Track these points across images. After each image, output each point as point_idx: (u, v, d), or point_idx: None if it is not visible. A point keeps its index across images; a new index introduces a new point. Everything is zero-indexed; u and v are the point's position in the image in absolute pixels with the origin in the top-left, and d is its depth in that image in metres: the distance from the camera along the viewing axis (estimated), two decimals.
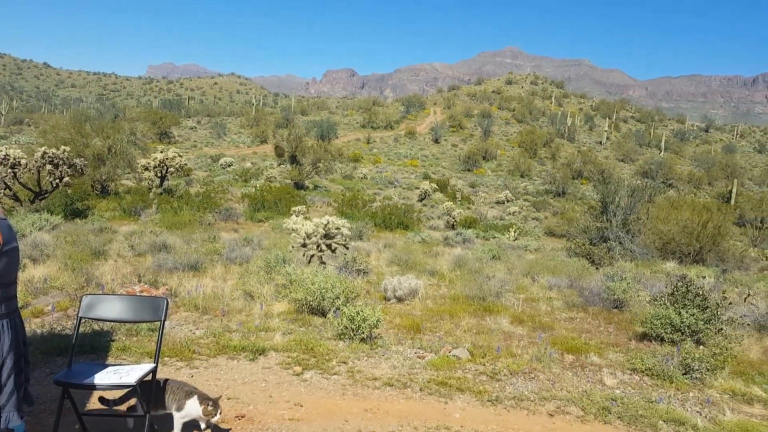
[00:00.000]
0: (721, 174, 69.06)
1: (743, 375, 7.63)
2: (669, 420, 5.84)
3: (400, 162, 60.94)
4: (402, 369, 6.92)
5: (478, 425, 5.48)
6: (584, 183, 57.91)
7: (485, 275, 13.43)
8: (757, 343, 9.49)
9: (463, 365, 7.14)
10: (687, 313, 8.87)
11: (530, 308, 11.10)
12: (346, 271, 12.13)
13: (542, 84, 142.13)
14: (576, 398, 6.29)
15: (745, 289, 15.24)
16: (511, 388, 6.54)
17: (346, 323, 7.73)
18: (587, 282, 13.10)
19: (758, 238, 44.16)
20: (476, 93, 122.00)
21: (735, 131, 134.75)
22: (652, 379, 7.18)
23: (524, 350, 7.86)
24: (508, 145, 77.43)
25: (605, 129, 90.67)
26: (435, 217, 35.88)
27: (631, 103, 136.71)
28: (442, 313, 9.87)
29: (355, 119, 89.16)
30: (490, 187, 54.12)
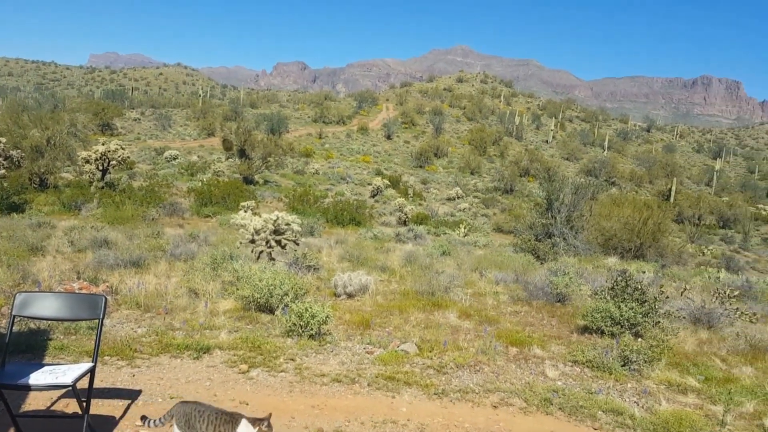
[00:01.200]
0: (662, 173, 71.92)
1: (679, 366, 8.00)
2: (608, 410, 6.07)
3: (352, 158, 60.89)
4: (351, 365, 6.96)
5: (424, 418, 5.58)
6: (531, 181, 59.26)
7: (435, 271, 13.60)
8: (692, 335, 9.95)
9: (411, 359, 7.23)
10: (626, 307, 9.23)
11: (478, 302, 11.32)
12: (296, 268, 12.07)
13: (492, 83, 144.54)
14: (519, 390, 6.47)
15: (682, 283, 15.93)
16: (457, 381, 6.68)
17: (294, 320, 7.70)
18: (532, 277, 13.44)
19: (696, 235, 46.24)
20: (428, 90, 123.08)
21: (675, 131, 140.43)
22: (592, 370, 7.46)
23: (471, 343, 8.03)
24: (459, 142, 78.47)
25: (551, 128, 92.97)
26: (387, 214, 36.02)
27: (576, 103, 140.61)
28: (392, 309, 9.95)
29: (306, 113, 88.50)
30: (442, 183, 54.75)
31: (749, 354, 8.92)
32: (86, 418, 4.22)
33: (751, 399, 6.73)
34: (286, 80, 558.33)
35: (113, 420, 4.95)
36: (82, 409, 4.26)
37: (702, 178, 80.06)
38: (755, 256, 43.66)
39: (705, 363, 8.26)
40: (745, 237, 49.88)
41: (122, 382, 5.85)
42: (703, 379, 7.52)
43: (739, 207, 58.10)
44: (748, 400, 6.66)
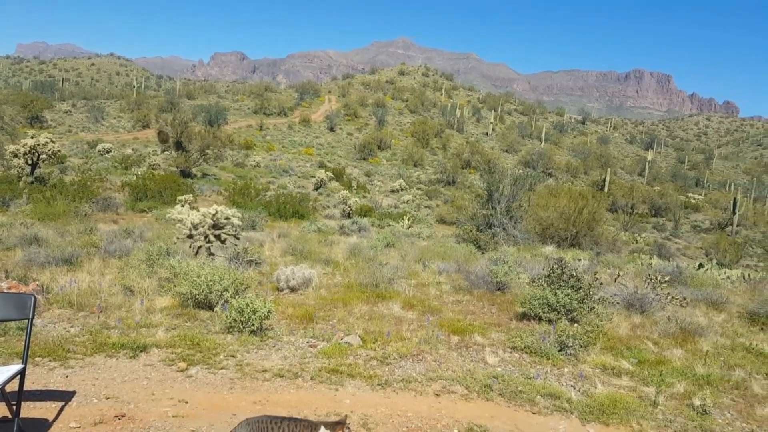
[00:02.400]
0: (596, 164, 74.49)
1: (613, 350, 8.29)
2: (546, 394, 6.24)
3: (294, 150, 60.21)
4: (293, 359, 6.89)
5: (367, 409, 5.58)
6: (472, 172, 60.22)
7: (379, 263, 13.63)
8: (626, 320, 10.34)
9: (355, 351, 7.22)
10: (562, 294, 9.51)
11: (421, 293, 11.42)
12: (237, 263, 11.84)
13: (433, 76, 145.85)
14: (461, 377, 6.57)
15: (616, 270, 16.53)
16: (400, 371, 6.72)
17: (234, 316, 7.55)
18: (474, 266, 13.65)
19: (629, 223, 48.16)
20: (370, 82, 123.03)
21: (609, 124, 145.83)
22: (530, 356, 7.65)
23: (414, 333, 8.09)
24: (401, 134, 78.82)
25: (491, 121, 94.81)
26: (331, 206, 35.86)
27: (515, 97, 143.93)
28: (336, 302, 9.91)
29: (246, 105, 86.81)
30: (385, 176, 54.93)
31: (679, 337, 9.34)
32: (17, 421, 4.04)
33: (682, 380, 7.06)
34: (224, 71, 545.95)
35: (46, 423, 4.76)
36: (12, 412, 4.08)
37: (635, 168, 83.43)
38: (685, 242, 45.88)
39: (638, 346, 8.60)
40: (675, 225, 52.35)
41: (55, 384, 5.61)
42: (636, 362, 7.83)
43: (669, 196, 60.89)
44: (678, 381, 6.98)
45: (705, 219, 57.60)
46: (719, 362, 8.07)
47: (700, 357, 8.16)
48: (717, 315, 11.61)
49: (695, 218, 58.49)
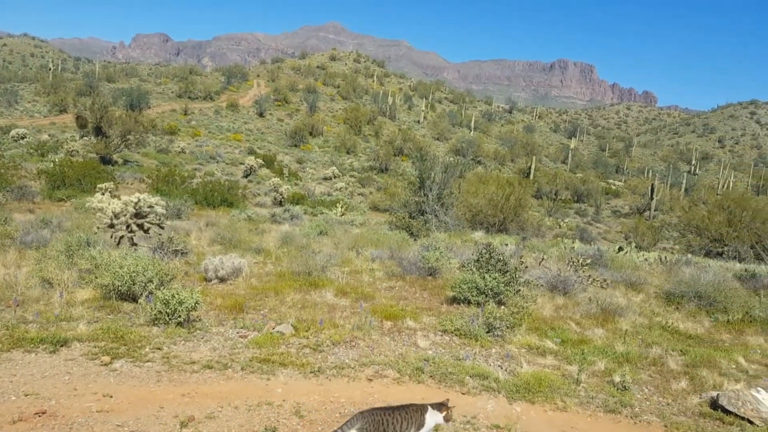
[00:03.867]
0: (522, 152, 76.71)
1: (538, 330, 8.60)
2: (475, 375, 6.40)
3: (222, 136, 58.57)
4: (223, 350, 6.76)
5: (300, 397, 5.55)
6: (404, 160, 60.68)
7: (312, 251, 13.53)
8: (550, 301, 10.75)
9: (287, 340, 7.15)
10: (490, 277, 9.77)
11: (354, 280, 11.43)
12: (162, 253, 11.45)
13: (365, 62, 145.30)
14: (393, 362, 6.64)
15: (541, 254, 17.12)
16: (333, 357, 6.71)
17: (160, 307, 7.31)
18: (406, 253, 13.81)
19: (553, 209, 49.98)
20: (301, 67, 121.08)
21: (534, 113, 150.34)
22: (460, 338, 7.82)
23: (347, 320, 8.10)
24: (334, 121, 78.26)
25: (423, 109, 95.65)
26: (262, 194, 35.31)
27: (445, 85, 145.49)
28: (268, 291, 9.77)
29: (170, 88, 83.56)
30: (318, 163, 54.45)
31: (600, 317, 9.80)
32: None
33: (603, 358, 7.41)
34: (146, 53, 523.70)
35: None
36: None
37: (559, 156, 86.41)
38: (606, 227, 48.10)
39: (561, 327, 8.96)
40: (597, 210, 54.76)
41: None
42: (560, 341, 8.15)
43: (591, 183, 63.52)
44: (599, 359, 7.32)
45: (625, 204, 60.50)
46: (637, 340, 8.51)
47: (619, 336, 8.58)
48: (635, 296, 12.24)
49: (615, 204, 61.32)
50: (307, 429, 4.94)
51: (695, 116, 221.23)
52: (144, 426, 4.77)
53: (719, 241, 28.71)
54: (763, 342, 8.97)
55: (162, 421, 4.89)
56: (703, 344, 8.69)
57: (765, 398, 5.81)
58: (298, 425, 5.00)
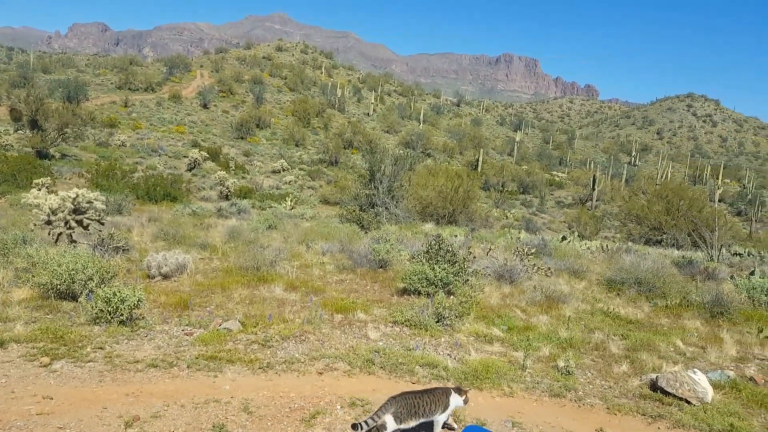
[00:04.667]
0: (470, 144, 77.72)
1: (485, 319, 8.74)
2: (425, 364, 6.46)
3: (164, 128, 56.93)
4: (168, 348, 6.59)
5: (248, 393, 5.47)
6: (355, 153, 60.57)
7: (260, 245, 13.34)
8: (497, 290, 10.94)
9: (235, 337, 7.03)
10: (439, 268, 9.87)
11: (304, 274, 11.33)
12: (102, 250, 11.06)
13: (312, 53, 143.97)
14: (343, 354, 6.62)
15: (488, 244, 17.43)
16: (283, 352, 6.64)
17: (101, 306, 7.07)
18: (357, 246, 13.80)
19: (500, 200, 50.94)
20: (246, 58, 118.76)
21: (481, 106, 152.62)
22: (410, 329, 7.87)
23: (297, 315, 8.02)
24: (281, 113, 77.28)
25: (372, 101, 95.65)
26: (207, 188, 34.61)
27: (394, 78, 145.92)
28: (214, 287, 9.57)
29: (109, 79, 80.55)
30: (266, 155, 53.65)
31: (545, 304, 10.04)
32: None
33: (547, 344, 7.60)
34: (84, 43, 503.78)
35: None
36: None
37: (505, 148, 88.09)
38: (550, 217, 49.38)
39: (508, 314, 9.14)
40: (541, 201, 56.13)
41: None
42: (507, 329, 8.31)
43: (536, 174, 65.05)
44: (544, 345, 7.50)
45: (568, 195, 62.24)
46: (580, 326, 8.76)
47: (563, 322, 8.82)
48: (578, 283, 12.60)
49: (559, 195, 63.00)
50: (256, 425, 4.87)
51: (635, 109, 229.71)
52: (86, 427, 4.62)
53: (658, 229, 29.90)
54: (700, 325, 9.37)
55: (105, 421, 4.74)
56: (643, 328, 9.02)
57: (701, 379, 6.07)
58: (247, 421, 4.93)
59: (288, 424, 4.91)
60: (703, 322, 9.60)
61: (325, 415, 5.11)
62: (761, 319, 9.79)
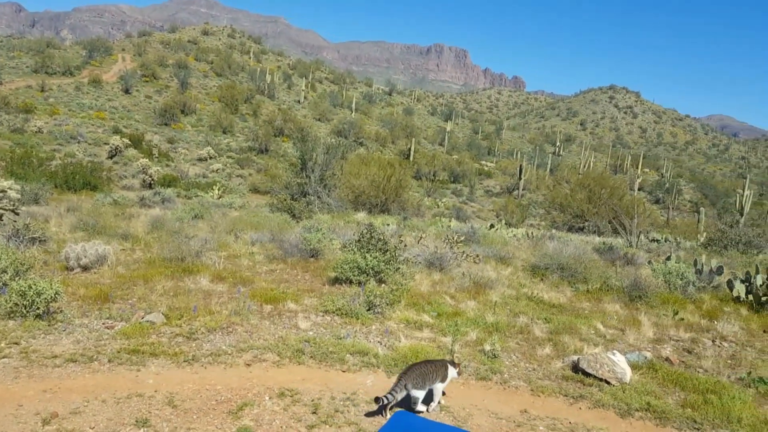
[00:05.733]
0: (402, 133, 78.23)
1: (416, 306, 8.86)
2: (355, 352, 6.49)
3: (84, 114, 54.07)
4: (88, 342, 6.34)
5: (173, 387, 5.34)
6: (285, 141, 59.69)
7: (185, 235, 12.95)
8: (427, 277, 11.11)
9: (158, 329, 6.83)
10: (371, 257, 9.92)
11: (232, 265, 11.11)
12: (17, 241, 10.46)
13: (240, 38, 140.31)
14: (272, 345, 6.56)
15: (420, 233, 17.67)
16: (209, 345, 6.50)
17: (16, 299, 6.72)
18: (288, 235, 13.63)
19: (431, 189, 51.66)
20: (170, 41, 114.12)
21: (413, 96, 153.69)
22: (341, 317, 7.88)
23: (224, 306, 7.86)
24: (208, 99, 74.94)
25: (303, 88, 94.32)
26: (129, 176, 33.31)
27: (325, 65, 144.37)
28: (136, 279, 9.24)
29: (24, 63, 75.61)
30: (191, 143, 51.95)
31: (473, 290, 10.28)
32: None
33: (474, 328, 7.79)
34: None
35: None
36: None
37: (436, 138, 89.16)
38: (479, 206, 50.53)
39: (437, 301, 9.31)
40: (471, 190, 57.31)
41: None
42: (436, 315, 8.47)
43: (466, 164, 66.31)
44: (471, 330, 7.69)
45: (496, 184, 63.87)
46: (506, 311, 9.05)
47: (490, 307, 9.07)
48: (505, 269, 12.98)
49: (488, 184, 64.54)
50: (181, 419, 4.76)
51: (560, 101, 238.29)
52: (1, 426, 4.39)
53: (580, 217, 31.22)
54: (619, 309, 9.85)
55: (22, 419, 4.54)
56: (566, 312, 9.40)
57: (620, 360, 6.39)
58: (172, 415, 4.81)
59: (214, 417, 4.82)
60: (622, 305, 10.09)
61: (253, 406, 5.05)
62: (676, 302, 10.39)
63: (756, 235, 21.00)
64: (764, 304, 10.29)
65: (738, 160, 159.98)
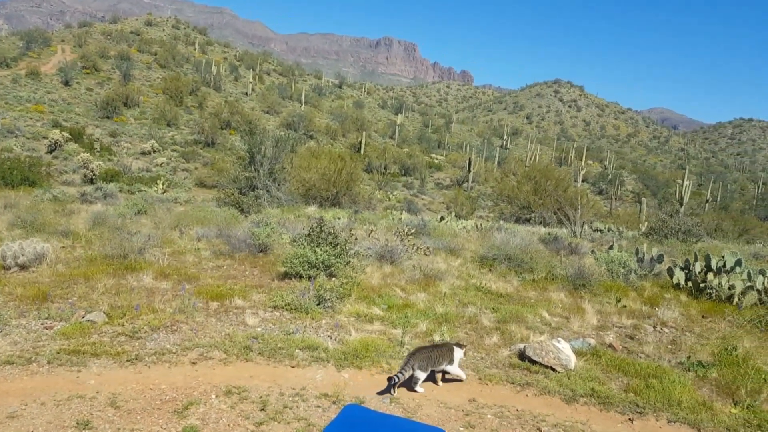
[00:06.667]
0: (353, 127, 78.01)
1: (366, 299, 8.86)
2: (304, 347, 6.44)
3: (21, 107, 51.73)
4: (25, 344, 6.09)
5: (116, 387, 5.18)
6: (233, 133, 58.63)
7: (128, 232, 12.57)
8: (378, 270, 11.13)
9: (100, 329, 6.61)
10: (321, 251, 9.85)
11: (177, 261, 10.86)
12: None
13: (184, 29, 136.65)
14: (219, 343, 6.43)
15: (371, 226, 17.68)
16: (153, 344, 6.33)
17: None
18: (235, 230, 13.41)
19: (382, 183, 51.80)
20: (112, 32, 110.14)
21: (363, 89, 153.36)
22: (291, 312, 7.81)
23: (168, 304, 7.67)
24: (151, 91, 72.79)
25: (250, 80, 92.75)
26: (69, 171, 32.19)
27: (273, 57, 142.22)
28: (77, 277, 8.92)
29: None
30: (134, 136, 50.40)
31: (423, 282, 10.36)
32: None
33: (425, 320, 7.85)
34: None
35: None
36: None
37: (387, 131, 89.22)
38: (430, 198, 51.00)
39: (388, 293, 9.33)
40: (422, 183, 57.74)
41: None
42: (387, 307, 8.50)
43: (416, 157, 66.66)
44: (422, 321, 7.75)
45: (446, 177, 64.57)
46: (455, 301, 9.16)
47: (439, 298, 9.16)
48: (454, 260, 13.14)
49: (438, 176, 65.16)
50: (124, 419, 4.63)
51: (507, 95, 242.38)
52: None
53: (527, 208, 31.90)
54: (564, 297, 10.10)
55: None
56: (513, 301, 9.58)
57: (565, 347, 6.55)
58: (115, 416, 4.67)
59: (159, 417, 4.70)
60: (566, 294, 10.34)
61: (199, 405, 4.95)
62: (619, 289, 10.73)
63: (695, 224, 21.88)
64: (703, 290, 10.73)
65: (677, 151, 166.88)
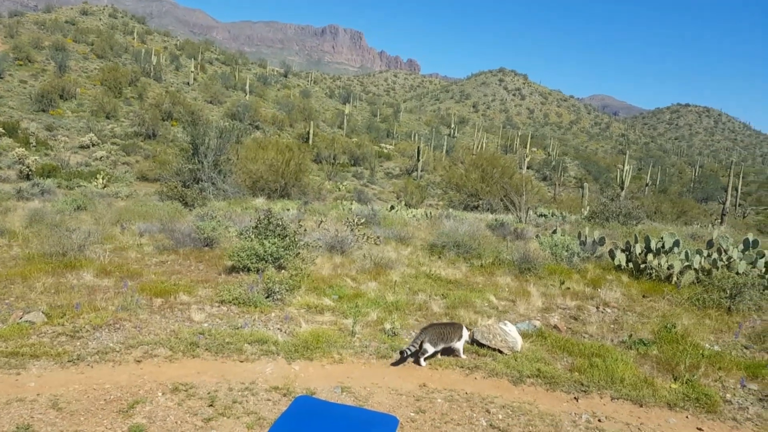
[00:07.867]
0: (300, 116, 77.18)
1: (317, 290, 8.82)
2: (253, 341, 6.36)
3: None
4: None
5: (57, 389, 5.00)
6: (174, 125, 57.09)
7: (67, 228, 12.10)
8: (329, 261, 11.09)
9: (39, 329, 6.35)
10: (269, 243, 9.74)
11: (119, 258, 10.54)
12: None
13: (122, 18, 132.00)
14: (164, 340, 6.28)
15: (321, 216, 17.59)
16: (95, 343, 6.13)
17: None
18: (180, 224, 13.11)
19: (332, 173, 51.53)
20: (46, 22, 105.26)
21: (310, 78, 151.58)
22: (239, 306, 7.69)
23: (110, 302, 7.43)
24: (89, 82, 69.99)
25: (192, 70, 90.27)
26: (4, 167, 30.89)
27: (215, 45, 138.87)
28: (13, 277, 8.55)
29: None
30: (72, 129, 48.45)
31: (373, 271, 10.39)
32: None
33: (375, 309, 7.88)
34: None
35: None
36: None
37: (335, 121, 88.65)
38: (380, 188, 51.08)
39: (339, 284, 9.32)
40: (371, 172, 57.74)
41: None
42: (337, 298, 8.49)
43: (366, 147, 66.62)
44: (372, 310, 7.78)
45: (396, 166, 64.78)
46: (405, 289, 9.23)
47: (390, 287, 9.22)
48: (404, 249, 13.23)
49: (387, 166, 65.30)
50: (67, 421, 4.47)
51: (453, 84, 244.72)
52: None
53: (475, 195, 32.40)
54: (510, 281, 10.32)
55: None
56: (461, 287, 9.73)
57: (511, 330, 6.70)
58: (57, 418, 4.51)
59: (104, 417, 4.57)
60: (513, 278, 10.58)
61: (145, 403, 4.83)
62: (563, 272, 11.05)
63: (635, 207, 22.66)
64: (643, 270, 11.16)
65: (618, 137, 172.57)
